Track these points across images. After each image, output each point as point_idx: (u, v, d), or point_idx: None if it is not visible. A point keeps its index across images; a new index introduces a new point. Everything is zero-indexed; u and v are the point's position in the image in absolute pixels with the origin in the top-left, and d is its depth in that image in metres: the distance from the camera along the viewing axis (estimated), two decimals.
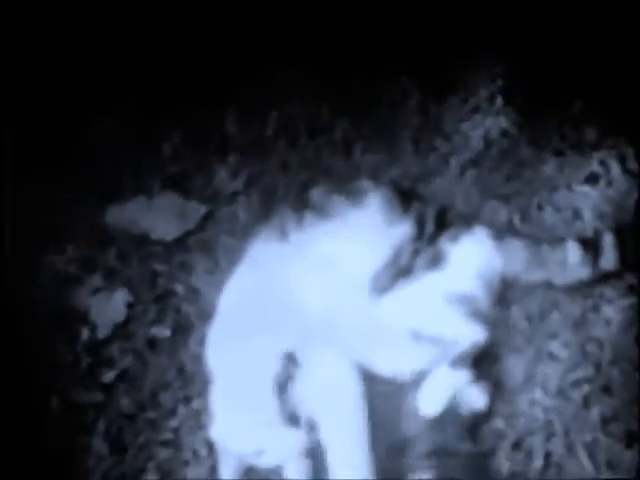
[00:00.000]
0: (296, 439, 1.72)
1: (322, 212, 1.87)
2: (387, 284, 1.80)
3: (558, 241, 1.87)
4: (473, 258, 1.84)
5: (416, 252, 1.82)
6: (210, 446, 1.79)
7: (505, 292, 1.85)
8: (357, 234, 1.84)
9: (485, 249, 1.85)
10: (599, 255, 1.84)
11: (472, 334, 1.78)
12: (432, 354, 1.77)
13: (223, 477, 1.76)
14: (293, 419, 1.73)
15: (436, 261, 1.82)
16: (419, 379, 1.77)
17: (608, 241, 1.85)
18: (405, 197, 1.89)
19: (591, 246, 1.85)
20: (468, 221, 1.89)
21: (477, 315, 1.80)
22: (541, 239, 1.88)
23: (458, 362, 1.76)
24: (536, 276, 1.85)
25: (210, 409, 1.79)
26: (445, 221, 1.87)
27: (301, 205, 1.89)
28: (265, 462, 1.74)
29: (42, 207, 1.97)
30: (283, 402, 1.73)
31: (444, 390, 1.75)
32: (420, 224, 1.85)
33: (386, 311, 1.80)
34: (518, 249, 1.86)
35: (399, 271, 1.81)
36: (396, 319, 1.79)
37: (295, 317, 1.78)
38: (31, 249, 1.94)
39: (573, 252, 1.84)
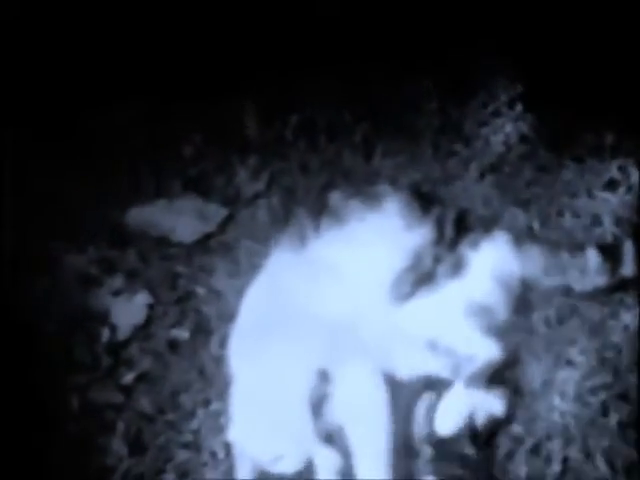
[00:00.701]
0: (317, 450, 1.72)
1: (341, 217, 1.87)
2: (408, 291, 1.80)
3: (577, 247, 1.87)
4: (493, 263, 1.84)
5: (437, 259, 1.83)
6: (228, 448, 1.78)
7: (524, 297, 1.85)
8: (376, 239, 1.84)
9: (505, 254, 1.85)
10: (618, 261, 1.84)
11: (488, 351, 1.78)
12: (447, 366, 1.77)
13: None
14: (320, 433, 1.73)
15: (457, 267, 1.82)
16: (434, 395, 1.76)
17: (627, 247, 1.85)
18: (425, 201, 1.90)
19: (610, 252, 1.85)
20: (488, 226, 1.89)
21: (495, 328, 1.80)
22: (560, 245, 1.88)
23: (473, 380, 1.76)
24: (555, 282, 1.85)
25: (229, 412, 1.79)
26: (465, 225, 1.88)
27: (320, 210, 1.89)
28: (281, 469, 1.73)
29: (64, 209, 1.98)
30: (312, 415, 1.74)
31: (459, 410, 1.74)
32: (440, 228, 1.86)
33: (405, 319, 1.79)
34: (537, 254, 1.85)
35: (420, 277, 1.81)
36: (414, 327, 1.78)
37: (315, 324, 1.78)
38: (52, 250, 1.95)
39: (592, 258, 1.84)
